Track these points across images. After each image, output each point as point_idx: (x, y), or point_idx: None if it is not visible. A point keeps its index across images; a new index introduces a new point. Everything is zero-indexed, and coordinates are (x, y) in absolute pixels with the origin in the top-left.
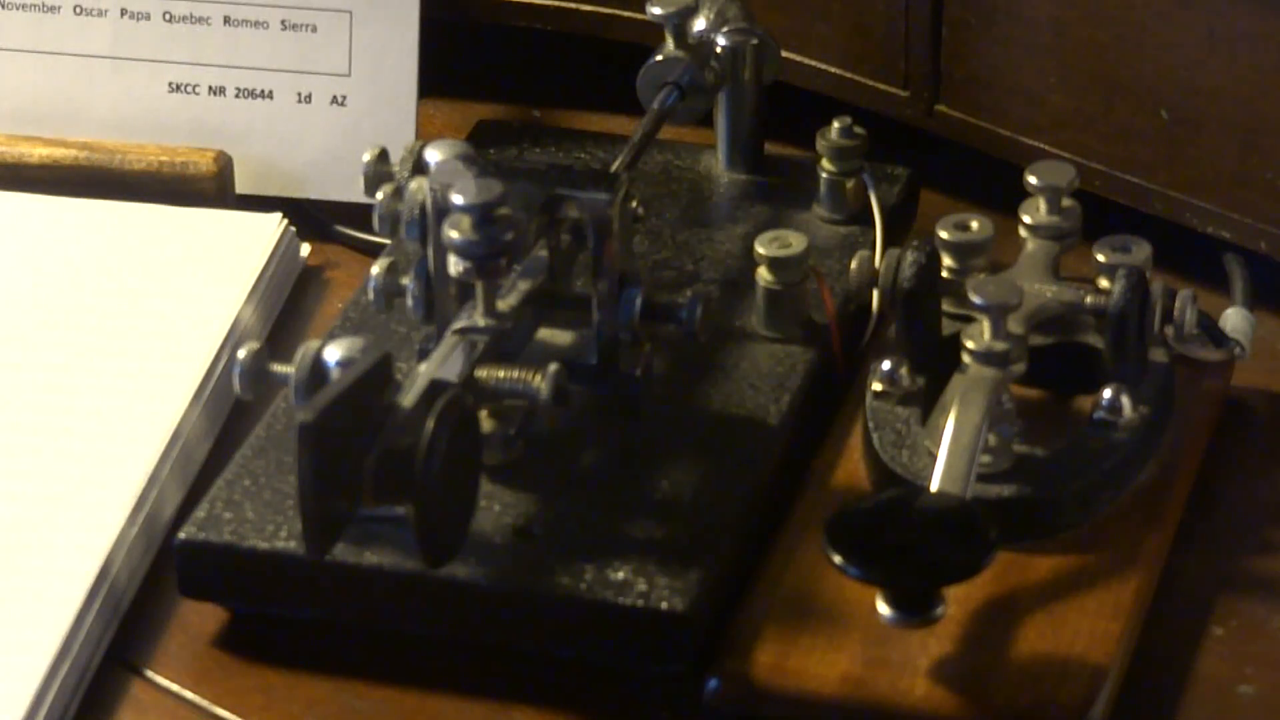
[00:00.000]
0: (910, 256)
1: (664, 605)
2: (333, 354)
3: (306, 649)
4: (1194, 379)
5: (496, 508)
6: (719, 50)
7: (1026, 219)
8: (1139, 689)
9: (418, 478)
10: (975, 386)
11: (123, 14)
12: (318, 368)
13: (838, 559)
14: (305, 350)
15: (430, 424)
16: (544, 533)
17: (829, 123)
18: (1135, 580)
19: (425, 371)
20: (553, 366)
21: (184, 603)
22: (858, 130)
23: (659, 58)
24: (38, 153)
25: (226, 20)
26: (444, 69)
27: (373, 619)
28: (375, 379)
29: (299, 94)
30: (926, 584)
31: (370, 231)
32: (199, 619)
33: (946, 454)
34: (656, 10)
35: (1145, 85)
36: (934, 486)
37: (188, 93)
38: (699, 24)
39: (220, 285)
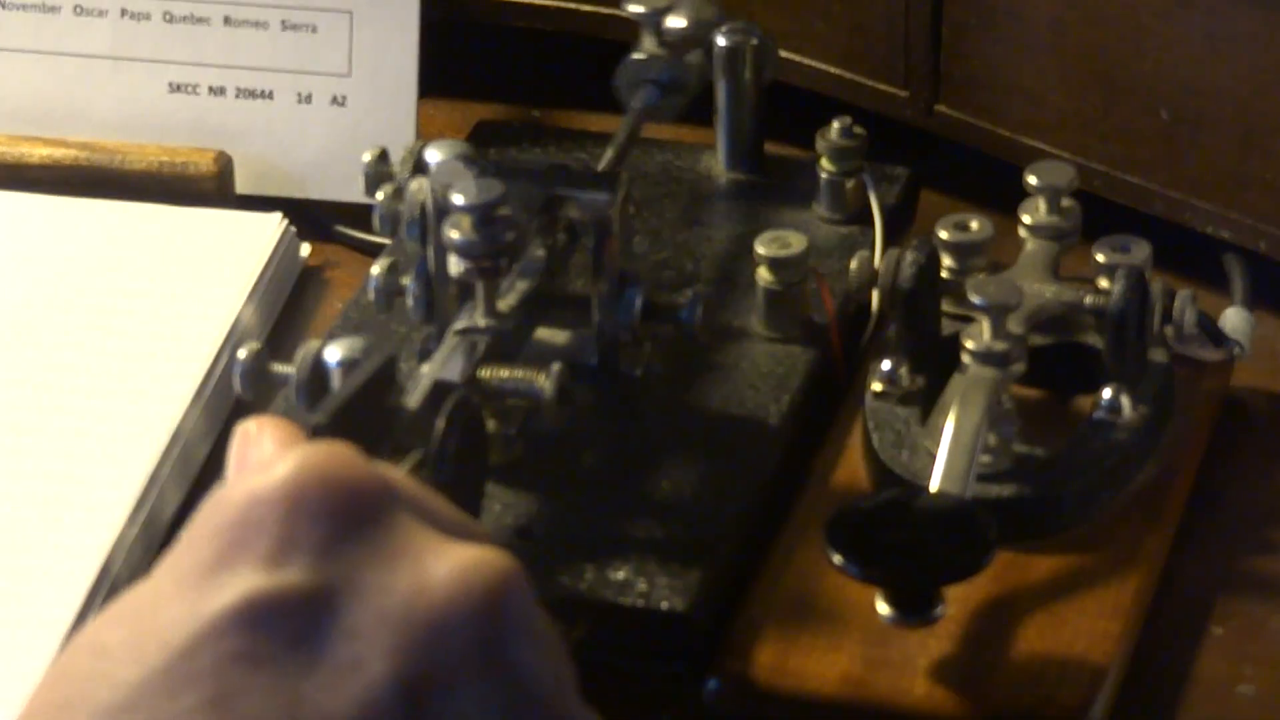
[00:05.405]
0: (910, 256)
1: (664, 605)
2: (333, 354)
3: None
4: (1194, 379)
5: (496, 508)
6: (718, 50)
7: (1026, 219)
8: (1139, 689)
9: (429, 478)
10: (975, 386)
11: (123, 14)
12: (318, 368)
13: (838, 559)
14: (306, 350)
15: (441, 424)
16: (544, 533)
17: (829, 123)
18: (1135, 580)
19: (429, 372)
20: (556, 366)
21: None
22: (858, 130)
23: (638, 55)
24: (38, 153)
25: (226, 20)
26: (444, 69)
27: None
28: (382, 380)
29: (299, 94)
30: (926, 584)
31: (370, 231)
32: None
33: (946, 454)
34: (635, 8)
35: (1145, 85)
36: (934, 486)
37: (188, 93)
38: (677, 21)
39: (220, 285)
